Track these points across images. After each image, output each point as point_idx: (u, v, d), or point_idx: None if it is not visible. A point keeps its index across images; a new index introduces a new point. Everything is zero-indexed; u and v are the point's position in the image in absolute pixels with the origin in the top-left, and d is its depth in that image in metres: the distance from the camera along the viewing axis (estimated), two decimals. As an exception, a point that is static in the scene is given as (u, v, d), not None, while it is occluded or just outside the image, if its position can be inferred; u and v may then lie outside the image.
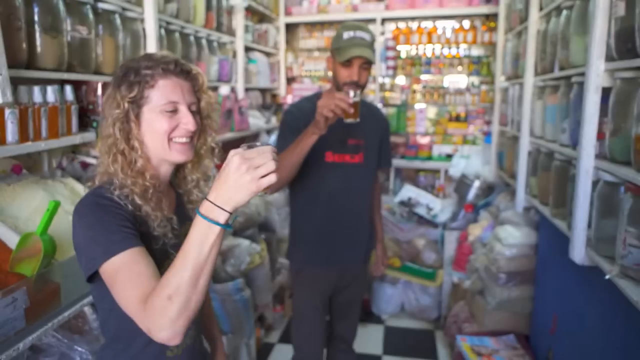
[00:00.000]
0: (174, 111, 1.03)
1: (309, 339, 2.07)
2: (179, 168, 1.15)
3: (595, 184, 1.55)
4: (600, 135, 1.53)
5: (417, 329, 3.46)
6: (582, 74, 1.61)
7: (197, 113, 1.08)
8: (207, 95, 1.11)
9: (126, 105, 0.99)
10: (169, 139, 1.03)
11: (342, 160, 1.92)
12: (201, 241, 0.84)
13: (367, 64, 1.81)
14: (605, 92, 1.49)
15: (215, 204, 0.83)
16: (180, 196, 1.19)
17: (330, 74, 2.13)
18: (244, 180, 0.80)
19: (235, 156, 0.82)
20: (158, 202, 1.06)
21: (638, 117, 1.26)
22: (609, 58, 1.47)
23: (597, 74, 1.49)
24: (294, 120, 1.89)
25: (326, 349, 2.24)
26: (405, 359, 3.07)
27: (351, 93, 1.66)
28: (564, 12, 1.90)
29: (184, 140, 1.04)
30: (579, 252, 1.60)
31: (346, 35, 1.80)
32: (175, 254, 1.05)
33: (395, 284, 3.58)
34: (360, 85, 1.82)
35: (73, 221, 0.99)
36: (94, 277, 0.96)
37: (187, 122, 1.03)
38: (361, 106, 1.79)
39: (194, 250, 0.84)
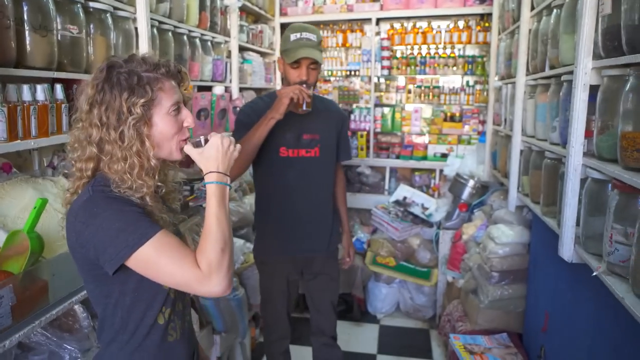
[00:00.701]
0: (178, 110, 1.10)
1: (276, 317, 2.19)
2: None
3: (583, 181, 1.55)
4: (588, 133, 1.54)
5: (412, 328, 3.46)
6: (572, 73, 1.62)
7: None
8: (187, 91, 1.17)
9: (139, 110, 1.02)
10: (175, 140, 1.10)
11: (297, 154, 2.01)
12: (222, 201, 1.06)
13: (315, 63, 1.93)
14: (594, 90, 1.49)
15: (220, 172, 1.08)
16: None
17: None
18: (231, 150, 1.10)
19: (219, 137, 1.09)
20: (158, 201, 1.11)
21: (624, 114, 1.26)
22: (596, 56, 1.47)
23: (585, 72, 1.49)
24: (247, 117, 1.99)
25: (311, 346, 2.30)
26: (400, 358, 3.08)
27: (305, 86, 1.87)
28: (554, 11, 1.90)
29: (185, 140, 1.12)
30: (567, 250, 1.61)
31: (293, 37, 1.91)
32: None
33: (391, 283, 3.58)
34: (309, 85, 1.94)
35: (81, 219, 0.99)
36: (117, 270, 0.99)
37: (189, 120, 1.12)
38: (317, 101, 2.03)
39: (222, 210, 1.04)
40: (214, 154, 1.08)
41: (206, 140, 1.11)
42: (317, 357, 2.27)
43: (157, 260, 0.97)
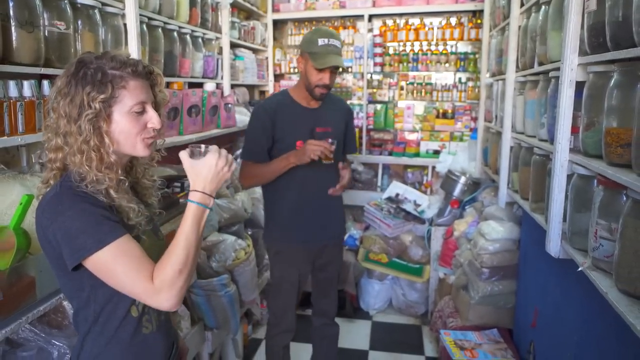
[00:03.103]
0: (142, 111, 1.09)
1: (285, 309, 2.28)
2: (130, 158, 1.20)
3: (570, 177, 1.56)
4: (575, 129, 1.55)
5: (405, 324, 3.48)
6: (559, 69, 1.62)
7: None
8: (162, 92, 1.17)
9: (98, 105, 1.02)
10: (139, 139, 1.09)
11: None
12: (198, 223, 1.06)
13: (337, 68, 2.07)
14: (581, 87, 1.50)
15: (206, 193, 1.07)
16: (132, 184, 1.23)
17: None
18: (224, 171, 1.09)
19: (216, 156, 1.08)
20: (126, 193, 1.11)
21: (609, 110, 1.27)
22: (582, 52, 1.48)
23: (571, 68, 1.50)
24: (260, 121, 2.10)
25: (310, 340, 2.45)
26: (392, 354, 3.09)
27: (330, 140, 2.00)
28: (543, 7, 1.91)
29: (150, 138, 1.12)
30: (554, 245, 1.62)
31: (321, 41, 2.01)
32: (145, 239, 1.12)
33: (383, 279, 3.59)
34: (328, 88, 2.08)
35: (47, 215, 1.00)
36: (77, 267, 1.00)
37: (155, 121, 1.11)
38: (326, 99, 2.16)
39: (194, 231, 1.05)
40: (205, 173, 1.07)
41: (206, 152, 1.10)
42: (316, 334, 2.42)
43: (112, 267, 0.98)
